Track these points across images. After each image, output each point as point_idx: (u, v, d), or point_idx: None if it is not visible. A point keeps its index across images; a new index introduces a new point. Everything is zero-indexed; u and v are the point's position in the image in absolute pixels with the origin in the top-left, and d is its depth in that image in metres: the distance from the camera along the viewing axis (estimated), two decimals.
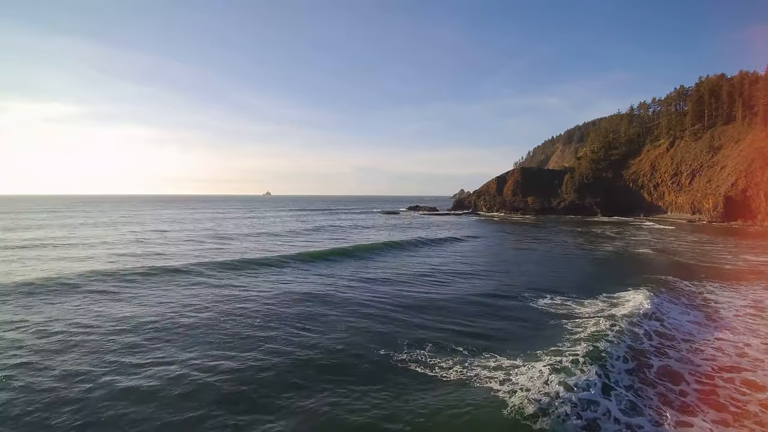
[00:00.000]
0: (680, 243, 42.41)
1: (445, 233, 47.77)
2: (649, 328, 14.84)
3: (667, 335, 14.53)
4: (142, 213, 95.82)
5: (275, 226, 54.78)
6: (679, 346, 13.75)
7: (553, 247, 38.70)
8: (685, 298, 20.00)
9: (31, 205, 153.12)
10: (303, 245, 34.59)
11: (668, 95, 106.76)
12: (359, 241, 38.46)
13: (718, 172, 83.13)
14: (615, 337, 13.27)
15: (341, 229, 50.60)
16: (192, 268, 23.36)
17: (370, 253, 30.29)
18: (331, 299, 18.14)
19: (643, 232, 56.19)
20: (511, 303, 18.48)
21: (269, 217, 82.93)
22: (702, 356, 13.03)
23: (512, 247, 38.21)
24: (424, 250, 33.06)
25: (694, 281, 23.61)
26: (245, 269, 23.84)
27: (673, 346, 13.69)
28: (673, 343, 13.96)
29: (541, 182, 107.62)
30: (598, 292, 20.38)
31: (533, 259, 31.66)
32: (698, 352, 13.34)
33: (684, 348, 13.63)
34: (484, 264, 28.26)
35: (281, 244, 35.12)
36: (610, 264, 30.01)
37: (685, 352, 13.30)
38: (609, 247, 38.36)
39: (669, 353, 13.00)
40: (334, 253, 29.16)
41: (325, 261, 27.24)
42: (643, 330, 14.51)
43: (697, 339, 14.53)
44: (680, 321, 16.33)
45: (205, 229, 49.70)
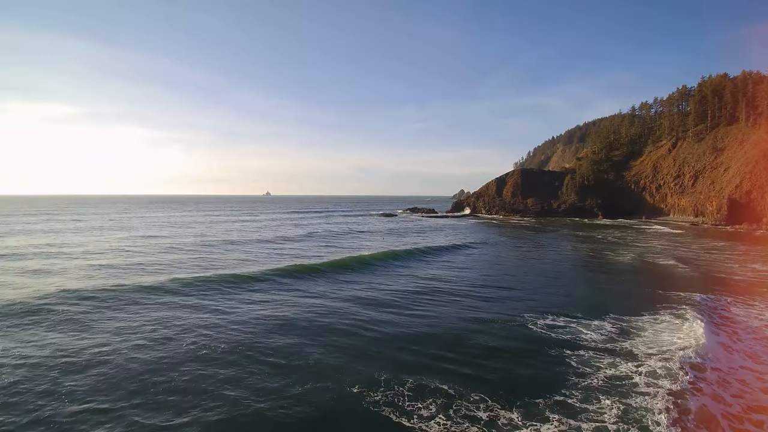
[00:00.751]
0: (686, 249, 40.89)
1: (441, 239, 46.19)
2: (679, 361, 13.15)
3: (699, 366, 12.92)
4: (134, 216, 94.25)
5: (267, 232, 53.13)
6: (709, 377, 12.26)
7: (554, 255, 37.18)
8: (705, 316, 18.43)
9: (27, 207, 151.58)
10: (291, 255, 32.87)
11: (670, 95, 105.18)
12: (351, 249, 36.84)
13: (722, 174, 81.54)
14: (645, 383, 11.52)
15: (334, 235, 48.72)
16: (165, 285, 21.79)
17: (359, 267, 28.04)
18: (309, 326, 16.50)
19: (646, 237, 54.63)
20: (510, 327, 16.91)
21: (263, 220, 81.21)
22: (731, 391, 11.64)
23: (511, 256, 36.54)
24: (416, 263, 30.80)
25: (708, 295, 22.07)
26: (222, 287, 22.13)
27: (704, 378, 12.17)
28: (704, 374, 12.42)
29: (541, 184, 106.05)
30: (604, 311, 18.88)
31: (534, 269, 30.13)
32: (726, 386, 11.93)
33: (713, 379, 12.15)
34: (481, 278, 26.54)
35: (268, 255, 33.34)
36: (615, 276, 28.44)
37: (716, 386, 11.84)
38: (612, 255, 36.84)
39: (702, 388, 11.50)
40: (319, 268, 27.11)
41: (310, 276, 25.36)
42: (671, 363, 12.89)
43: (724, 367, 13.12)
44: (710, 345, 14.76)
45: (193, 235, 48.06)
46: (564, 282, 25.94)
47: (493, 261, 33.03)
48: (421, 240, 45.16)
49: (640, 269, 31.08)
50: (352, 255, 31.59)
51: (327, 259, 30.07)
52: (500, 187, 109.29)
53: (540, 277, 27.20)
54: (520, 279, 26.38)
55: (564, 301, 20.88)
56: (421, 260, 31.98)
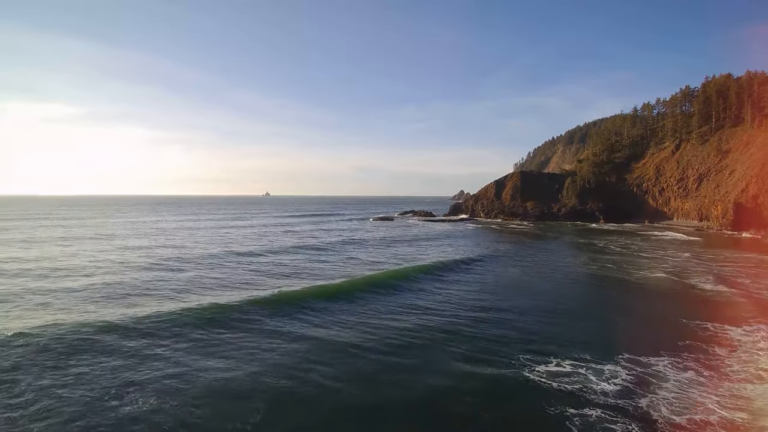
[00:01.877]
0: (697, 262, 38.26)
1: (433, 252, 43.31)
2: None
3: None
4: (121, 221, 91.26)
5: (252, 241, 50.29)
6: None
7: (556, 271, 34.54)
8: (748, 366, 15.17)
9: (20, 209, 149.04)
10: (268, 277, 29.71)
11: (673, 96, 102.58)
12: (336, 265, 34.12)
13: (727, 177, 79.05)
14: None
15: (322, 247, 45.47)
16: (107, 324, 18.22)
17: (336, 298, 24.10)
18: (254, 397, 12.86)
19: (652, 245, 52.03)
20: (503, 377, 14.30)
21: (255, 226, 78.37)
22: None
23: (508, 274, 33.28)
24: (398, 292, 26.08)
25: (747, 327, 19.21)
26: (171, 328, 18.38)
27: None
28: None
29: (541, 186, 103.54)
30: (616, 349, 16.34)
31: (534, 291, 27.40)
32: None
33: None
34: (472, 306, 23.17)
35: (242, 276, 29.77)
36: (626, 298, 25.75)
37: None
38: (622, 270, 34.22)
39: None
40: (285, 299, 23.16)
41: (275, 310, 21.31)
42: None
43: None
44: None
45: (173, 246, 45.05)
46: (569, 307, 23.24)
47: (488, 282, 29.28)
48: (412, 251, 42.47)
49: (654, 288, 28.29)
50: (332, 282, 27.25)
51: (298, 287, 25.88)
52: (499, 189, 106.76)
53: (541, 301, 24.42)
54: (518, 306, 23.37)
55: (569, 336, 18.29)
56: (404, 287, 27.27)
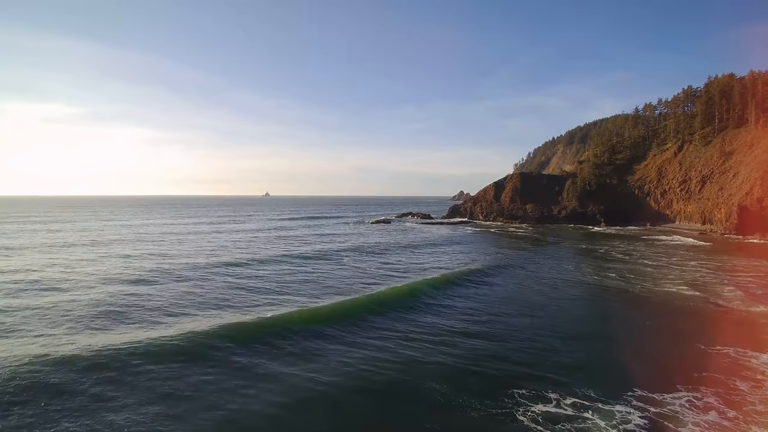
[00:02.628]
0: (707, 271, 36.33)
1: (428, 261, 41.56)
2: None
3: None
4: (112, 223, 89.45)
5: (242, 249, 47.68)
6: None
7: (557, 282, 32.80)
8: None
9: (14, 210, 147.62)
10: (252, 293, 26.93)
11: (675, 96, 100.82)
12: (325, 279, 32.10)
13: (731, 180, 77.35)
14: None
15: (314, 256, 43.16)
16: (61, 359, 15.69)
17: (312, 327, 20.25)
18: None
19: (657, 251, 50.16)
20: (492, 419, 12.70)
21: (247, 230, 75.99)
22: None
23: (504, 286, 31.46)
24: (382, 318, 22.20)
25: (757, 353, 17.27)
26: (129, 362, 15.68)
27: None
28: None
29: (541, 188, 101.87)
30: (625, 383, 14.65)
31: (530, 305, 25.60)
32: None
33: None
34: (461, 327, 21.00)
35: (223, 293, 26.85)
36: (631, 317, 23.85)
37: None
38: (621, 282, 32.53)
39: None
40: (266, 325, 19.87)
41: (250, 341, 18.14)
42: None
43: None
44: None
45: (158, 254, 42.85)
46: (570, 329, 21.27)
47: (481, 300, 26.77)
48: (406, 263, 40.37)
49: (663, 304, 26.25)
50: (317, 305, 23.95)
51: (282, 309, 23.02)
52: (498, 191, 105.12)
53: (539, 321, 22.45)
54: (515, 327, 21.42)
55: (571, 364, 16.51)
56: (392, 312, 23.47)
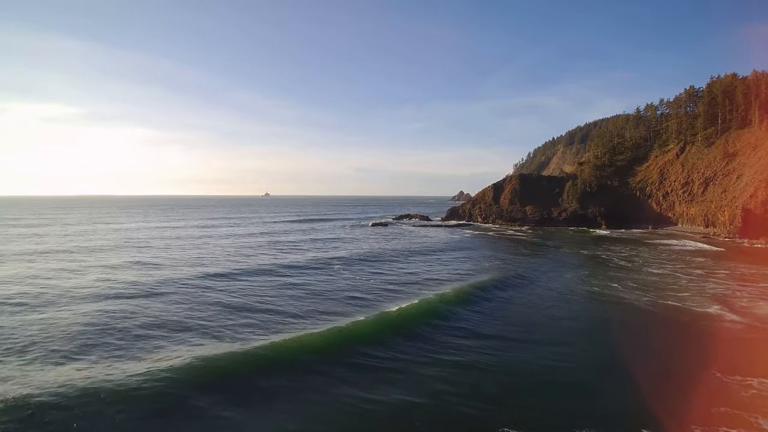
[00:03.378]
0: (715, 280, 34.70)
1: (423, 272, 39.62)
2: None
3: None
4: (106, 227, 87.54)
5: (230, 257, 45.46)
6: None
7: (555, 295, 31.19)
8: None
9: (11, 212, 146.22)
10: (231, 313, 24.25)
11: (677, 96, 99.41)
12: (311, 296, 29.83)
13: (734, 182, 75.95)
14: None
15: (305, 266, 40.68)
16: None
17: (280, 366, 17.45)
18: None
19: (661, 256, 48.54)
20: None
21: (240, 235, 73.21)
22: None
23: (501, 301, 29.34)
24: (363, 356, 18.65)
25: None
26: (79, 404, 13.61)
27: None
28: None
29: (541, 190, 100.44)
30: (635, 420, 13.16)
31: (528, 325, 23.61)
32: None
33: None
34: (450, 359, 18.53)
35: (201, 314, 23.83)
36: (638, 337, 22.05)
37: None
38: (626, 294, 31.05)
39: None
40: (219, 371, 16.65)
41: (219, 383, 15.71)
42: None
43: None
44: None
45: (141, 264, 40.54)
46: (570, 352, 19.60)
47: (474, 320, 24.40)
48: (401, 275, 37.31)
49: (671, 321, 24.57)
50: (298, 334, 20.48)
51: (260, 339, 19.94)
52: (497, 193, 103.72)
53: (537, 345, 20.62)
54: (509, 352, 19.57)
55: (573, 400, 14.97)
56: (377, 344, 20.11)
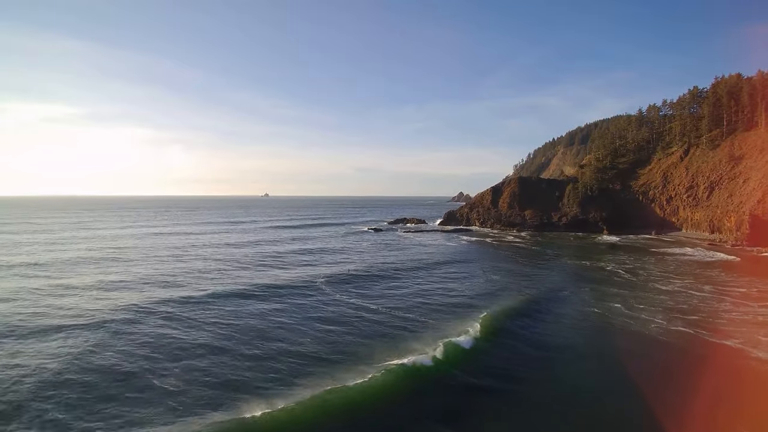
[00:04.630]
0: (729, 300, 31.94)
1: (415, 291, 36.66)
2: None
3: None
4: (87, 233, 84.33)
5: (204, 275, 41.04)
6: None
7: (555, 320, 28.68)
8: None
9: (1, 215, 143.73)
10: (164, 373, 19.47)
11: (681, 97, 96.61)
12: (284, 342, 27.45)
13: (741, 186, 73.24)
14: None
15: (284, 287, 36.32)
16: None
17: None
18: None
19: (667, 268, 45.54)
20: None
21: (224, 244, 68.19)
22: None
23: (496, 331, 27.66)
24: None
25: None
26: None
27: None
28: None
29: (541, 193, 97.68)
30: None
31: (527, 363, 21.77)
32: None
33: None
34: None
35: (121, 373, 19.43)
36: (648, 372, 19.57)
37: None
38: (632, 317, 28.47)
39: None
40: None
41: None
42: None
43: None
44: None
45: (104, 284, 36.77)
46: (575, 400, 17.26)
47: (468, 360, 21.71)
48: (390, 297, 33.72)
49: (684, 356, 22.15)
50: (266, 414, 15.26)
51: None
52: (496, 197, 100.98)
53: (537, 392, 18.44)
54: (506, 399, 17.48)
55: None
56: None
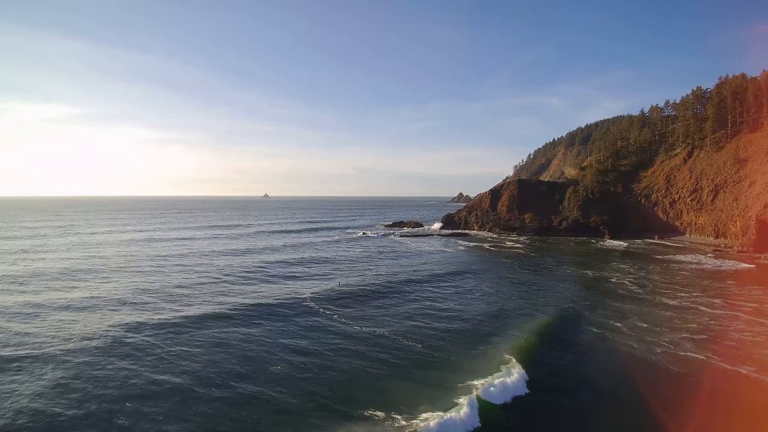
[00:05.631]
0: (746, 320, 29.46)
1: (400, 309, 35.12)
2: None
3: None
4: (61, 241, 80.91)
5: (172, 294, 36.28)
6: None
7: (568, 344, 26.70)
8: None
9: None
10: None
11: (684, 98, 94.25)
12: (242, 407, 25.32)
13: (747, 189, 70.95)
14: None
15: (255, 309, 31.52)
16: None
17: None
18: None
19: (675, 279, 43.04)
20: None
21: (207, 253, 61.18)
22: None
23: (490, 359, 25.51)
24: None
25: None
26: None
27: None
28: None
29: (540, 196, 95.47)
30: None
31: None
32: None
33: None
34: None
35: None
36: (664, 409, 17.77)
37: None
38: (636, 338, 26.28)
39: None
40: None
41: None
42: None
43: None
44: None
45: (61, 304, 32.49)
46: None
47: None
48: (374, 333, 27.84)
49: (700, 390, 20.01)
50: None
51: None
52: (494, 199, 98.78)
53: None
54: None
55: None
56: None
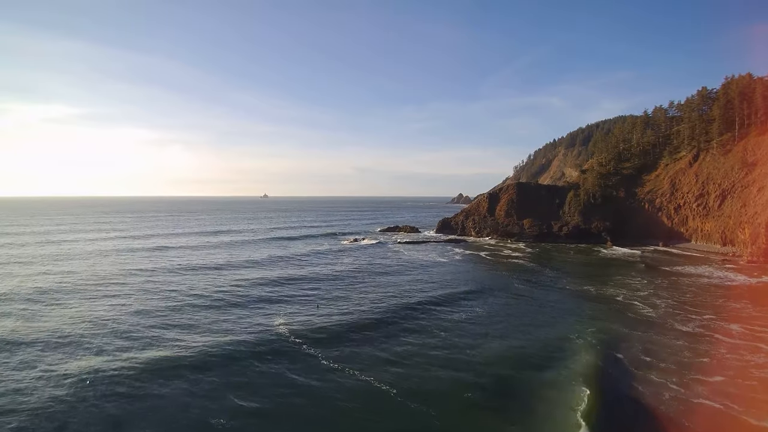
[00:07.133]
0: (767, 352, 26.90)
1: (383, 351, 31.12)
2: None
3: None
4: (38, 252, 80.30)
5: (147, 317, 32.65)
6: None
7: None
8: None
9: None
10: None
11: (689, 99, 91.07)
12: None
13: (755, 195, 67.80)
14: None
15: (229, 345, 26.93)
16: None
17: None
18: None
19: (685, 297, 39.92)
20: None
21: (184, 269, 54.43)
22: None
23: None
24: None
25: None
26: None
27: None
28: None
29: (540, 200, 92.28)
30: None
31: None
32: None
33: None
34: None
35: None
36: None
37: None
38: (646, 379, 23.17)
39: None
40: None
41: None
42: None
43: None
44: None
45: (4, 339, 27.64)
46: None
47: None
48: (369, 358, 25.13)
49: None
50: None
51: None
52: (492, 204, 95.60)
53: None
54: None
55: None
56: None
